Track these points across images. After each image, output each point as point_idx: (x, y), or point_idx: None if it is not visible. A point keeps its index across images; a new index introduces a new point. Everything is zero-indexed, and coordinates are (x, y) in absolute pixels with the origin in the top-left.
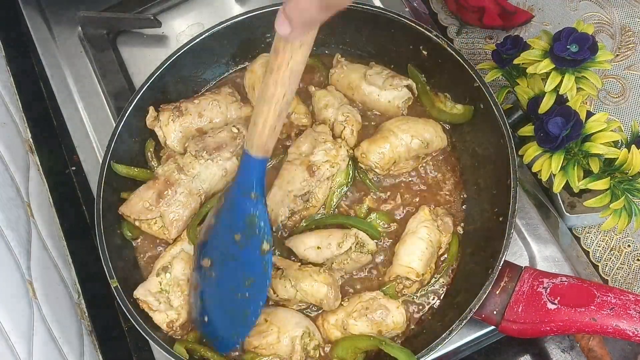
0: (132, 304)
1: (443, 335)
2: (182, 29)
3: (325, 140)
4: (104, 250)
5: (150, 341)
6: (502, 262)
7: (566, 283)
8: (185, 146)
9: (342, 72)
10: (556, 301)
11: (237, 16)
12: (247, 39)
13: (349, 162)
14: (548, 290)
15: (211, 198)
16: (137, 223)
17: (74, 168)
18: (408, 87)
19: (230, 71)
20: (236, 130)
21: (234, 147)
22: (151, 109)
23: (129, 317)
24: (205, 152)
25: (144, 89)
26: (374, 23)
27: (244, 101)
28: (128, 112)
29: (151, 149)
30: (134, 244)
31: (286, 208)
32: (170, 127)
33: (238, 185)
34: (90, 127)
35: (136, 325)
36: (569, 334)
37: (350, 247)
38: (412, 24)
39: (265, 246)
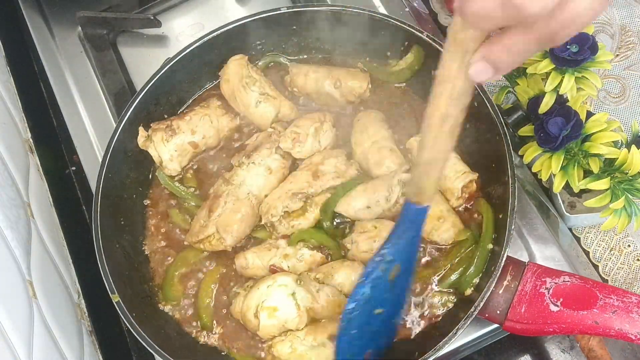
0: (134, 318)
1: (450, 334)
2: (182, 29)
3: (337, 156)
4: (103, 265)
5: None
6: (504, 259)
7: (569, 283)
8: (180, 164)
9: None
10: (558, 303)
11: (227, 25)
12: (235, 48)
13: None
14: (551, 291)
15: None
16: (201, 246)
17: (74, 168)
18: (368, 82)
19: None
20: (272, 130)
21: (271, 143)
22: (141, 129)
23: (133, 332)
24: (244, 157)
25: (140, 96)
26: (366, 26)
27: (234, 112)
28: (127, 114)
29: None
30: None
31: (281, 204)
32: (164, 148)
33: (417, 238)
34: (90, 127)
35: (139, 339)
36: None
37: (398, 195)
38: (403, 25)
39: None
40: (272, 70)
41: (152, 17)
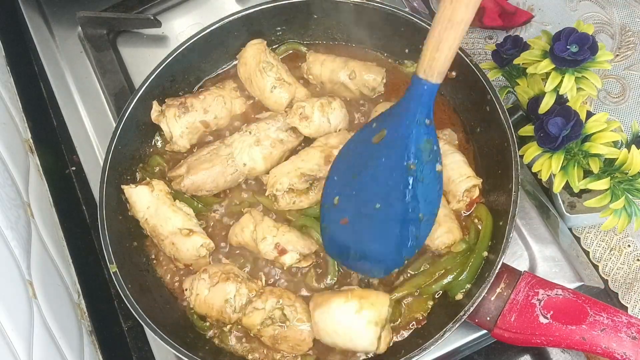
0: (129, 289)
1: (436, 336)
2: (182, 29)
3: None
4: (104, 234)
5: (147, 329)
6: (499, 266)
7: (561, 297)
8: (190, 141)
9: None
10: (548, 315)
11: (248, 8)
12: (255, 32)
13: None
14: (542, 303)
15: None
16: (173, 185)
17: (74, 168)
18: (383, 77)
19: (235, 62)
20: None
21: (273, 120)
22: (155, 103)
23: (126, 302)
24: (245, 125)
25: (144, 87)
26: (387, 22)
27: (248, 95)
28: (129, 110)
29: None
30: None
31: (288, 180)
32: (176, 124)
33: (411, 115)
34: (90, 127)
35: (133, 312)
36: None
37: None
38: (422, 24)
39: (439, 167)
40: (290, 57)
41: (152, 17)
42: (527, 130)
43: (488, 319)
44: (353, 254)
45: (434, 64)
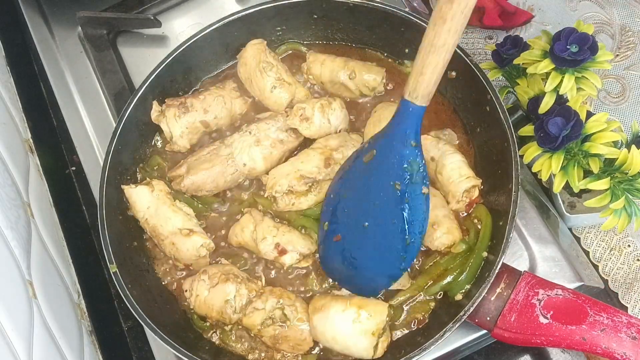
0: (129, 289)
1: (436, 336)
2: (182, 29)
3: (354, 146)
4: (104, 234)
5: (147, 329)
6: (499, 267)
7: (561, 297)
8: (190, 141)
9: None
10: (548, 315)
11: (248, 8)
12: (255, 32)
13: None
14: (542, 303)
15: None
16: (173, 185)
17: (74, 168)
18: (383, 77)
19: (235, 62)
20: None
21: (274, 121)
22: (155, 103)
23: (126, 302)
24: (245, 124)
25: (144, 87)
26: (387, 22)
27: (248, 95)
28: (129, 110)
29: None
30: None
31: (287, 182)
32: (176, 124)
33: (398, 136)
34: (90, 127)
35: (133, 312)
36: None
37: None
38: (423, 24)
39: (425, 190)
40: (290, 57)
41: (152, 17)
42: (527, 130)
43: (488, 319)
44: (346, 272)
45: (418, 86)
